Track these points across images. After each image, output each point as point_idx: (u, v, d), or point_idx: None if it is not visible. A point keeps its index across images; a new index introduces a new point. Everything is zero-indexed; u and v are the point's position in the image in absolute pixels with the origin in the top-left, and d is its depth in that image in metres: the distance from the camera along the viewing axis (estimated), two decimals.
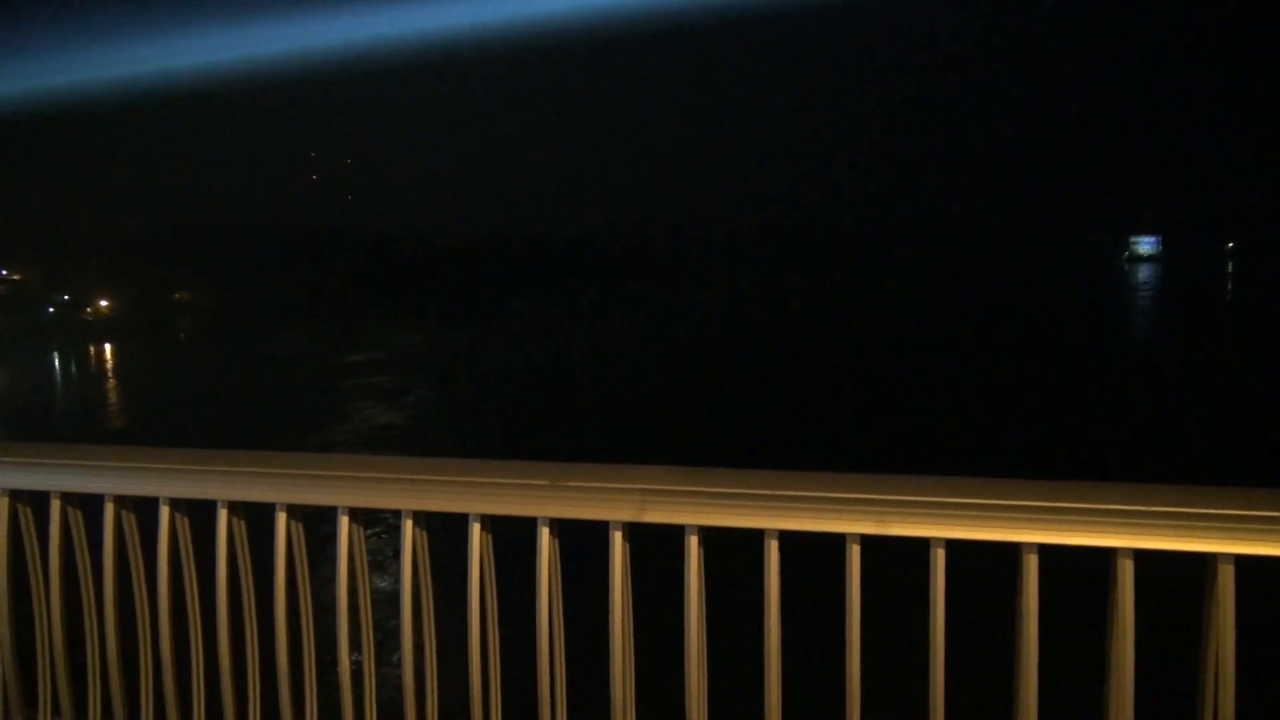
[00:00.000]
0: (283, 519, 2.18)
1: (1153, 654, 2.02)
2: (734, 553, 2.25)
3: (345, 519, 2.13)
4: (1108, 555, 1.73)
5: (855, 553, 1.84)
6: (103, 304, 75.20)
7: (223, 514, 2.20)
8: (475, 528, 2.06)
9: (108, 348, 63.21)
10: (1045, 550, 1.76)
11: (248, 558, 2.23)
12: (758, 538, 1.90)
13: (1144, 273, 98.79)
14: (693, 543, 1.94)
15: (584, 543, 2.31)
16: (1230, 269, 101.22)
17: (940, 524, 1.78)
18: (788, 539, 1.89)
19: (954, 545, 1.79)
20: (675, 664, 1.98)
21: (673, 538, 1.95)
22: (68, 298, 74.30)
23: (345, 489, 2.13)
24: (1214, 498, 1.69)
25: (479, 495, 2.04)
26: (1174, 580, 2.07)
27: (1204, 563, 1.71)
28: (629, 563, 1.99)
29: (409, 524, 2.10)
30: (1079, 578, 2.12)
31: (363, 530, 2.19)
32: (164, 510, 2.22)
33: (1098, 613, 1.79)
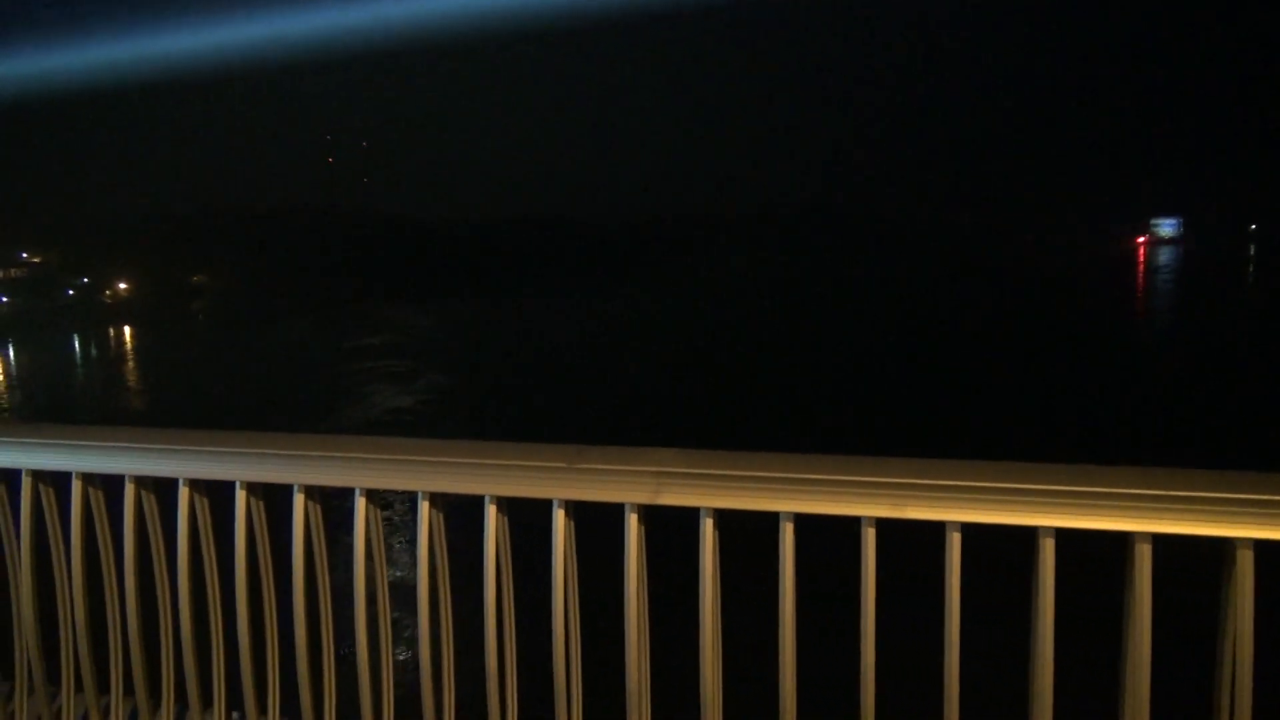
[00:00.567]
0: (300, 500, 2.20)
1: (1169, 639, 2.01)
2: (749, 536, 2.25)
3: (363, 500, 2.14)
4: (1124, 539, 1.73)
5: (870, 536, 1.84)
6: (121, 287, 75.83)
7: (241, 494, 2.22)
8: (491, 509, 2.07)
9: (127, 330, 63.80)
10: (1060, 534, 1.75)
11: (266, 538, 2.26)
12: (773, 521, 1.91)
13: (1164, 256, 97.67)
14: (708, 525, 1.94)
15: (599, 525, 2.32)
16: (1252, 252, 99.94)
17: (957, 507, 1.77)
18: (803, 522, 1.89)
19: (970, 529, 1.78)
20: (690, 646, 1.99)
21: (689, 521, 1.95)
22: (87, 281, 74.91)
23: (362, 470, 2.15)
24: (1233, 482, 1.67)
25: (495, 477, 2.05)
26: (1188, 564, 2.06)
27: (1220, 547, 1.70)
28: (644, 545, 2.00)
29: (425, 505, 2.11)
30: (1092, 560, 2.11)
31: (379, 512, 2.20)
32: (183, 491, 2.24)
33: (1112, 597, 1.78)
